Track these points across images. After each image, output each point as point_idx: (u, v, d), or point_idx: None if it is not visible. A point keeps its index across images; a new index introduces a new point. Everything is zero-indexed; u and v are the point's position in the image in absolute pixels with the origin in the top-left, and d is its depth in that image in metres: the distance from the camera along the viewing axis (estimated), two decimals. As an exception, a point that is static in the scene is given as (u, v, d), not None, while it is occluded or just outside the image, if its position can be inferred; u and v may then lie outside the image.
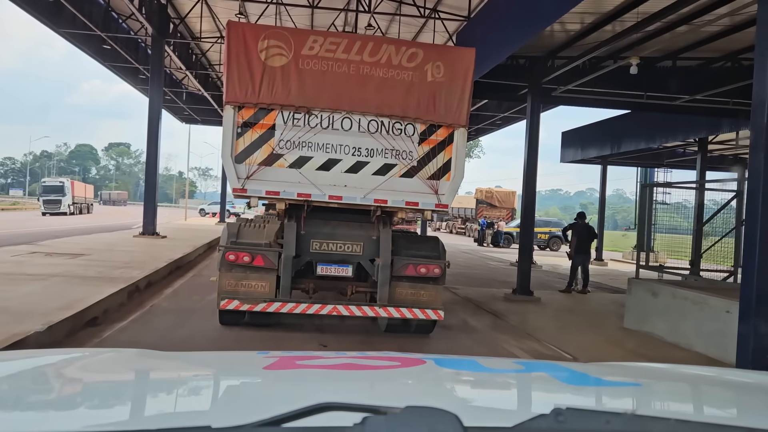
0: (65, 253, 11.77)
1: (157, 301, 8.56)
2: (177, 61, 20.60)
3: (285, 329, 6.98)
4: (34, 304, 6.54)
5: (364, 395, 1.33)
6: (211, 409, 1.21)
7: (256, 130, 6.41)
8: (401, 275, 6.70)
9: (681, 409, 1.49)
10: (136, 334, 6.49)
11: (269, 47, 6.35)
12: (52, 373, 1.45)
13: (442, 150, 6.64)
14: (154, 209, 17.80)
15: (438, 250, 6.92)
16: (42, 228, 24.00)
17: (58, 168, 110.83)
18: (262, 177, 6.42)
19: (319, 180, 6.49)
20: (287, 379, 1.49)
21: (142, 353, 1.75)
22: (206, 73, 24.96)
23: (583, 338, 7.93)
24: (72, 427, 1.02)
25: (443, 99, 6.55)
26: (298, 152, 6.46)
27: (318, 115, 6.45)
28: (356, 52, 6.42)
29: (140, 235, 17.24)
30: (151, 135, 17.64)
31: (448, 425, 0.79)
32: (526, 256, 11.61)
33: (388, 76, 6.47)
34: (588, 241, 12.85)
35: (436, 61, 6.55)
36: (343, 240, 6.76)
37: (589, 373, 1.80)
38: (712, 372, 1.97)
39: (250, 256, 6.48)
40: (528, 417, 0.87)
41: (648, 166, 23.61)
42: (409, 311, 6.58)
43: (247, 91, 6.33)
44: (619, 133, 18.45)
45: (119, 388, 1.40)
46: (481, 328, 8.26)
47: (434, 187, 6.65)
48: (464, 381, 1.66)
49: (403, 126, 6.58)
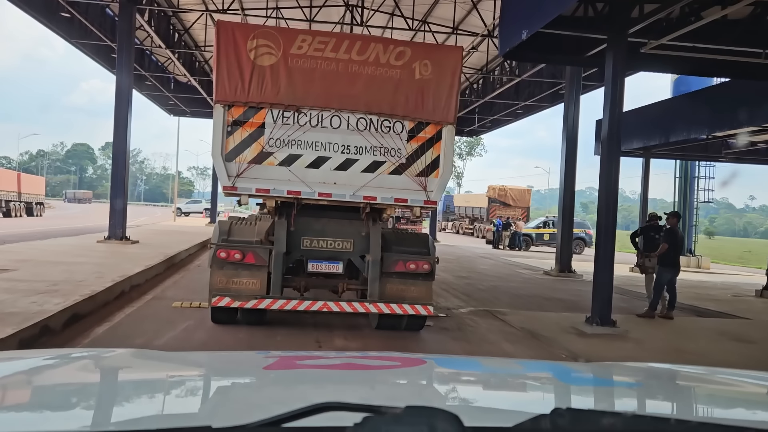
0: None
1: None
2: (156, 39, 18.30)
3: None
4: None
5: (364, 395, 1.34)
6: (212, 409, 1.20)
7: (245, 129, 6.47)
8: (391, 271, 6.77)
9: (681, 409, 1.48)
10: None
11: (258, 46, 6.41)
12: (52, 373, 1.45)
13: (431, 147, 6.71)
14: (123, 209, 15.20)
15: (427, 247, 7.00)
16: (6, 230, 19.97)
17: (54, 167, 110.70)
18: (252, 175, 6.49)
19: (309, 177, 6.56)
20: (287, 379, 1.50)
21: (142, 354, 1.76)
22: (191, 53, 22.56)
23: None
24: (72, 427, 1.02)
25: (431, 96, 6.62)
26: (287, 150, 6.53)
27: (307, 113, 6.52)
28: (344, 50, 6.49)
29: (105, 240, 14.84)
30: (119, 119, 15.06)
31: (449, 425, 0.79)
32: (606, 272, 8.16)
33: (376, 74, 6.54)
34: (679, 251, 10.14)
35: (423, 59, 6.61)
36: (334, 237, 6.83)
37: (588, 373, 1.83)
38: (712, 372, 1.99)
39: (241, 253, 6.55)
40: (528, 417, 0.87)
41: (703, 159, 19.79)
42: (399, 307, 6.66)
43: (236, 90, 6.40)
44: (672, 119, 14.72)
45: (119, 388, 1.40)
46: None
47: (423, 183, 6.72)
48: (464, 381, 1.67)
49: (391, 123, 6.64)
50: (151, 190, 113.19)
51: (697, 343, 7.94)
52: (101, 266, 10.06)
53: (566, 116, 14.95)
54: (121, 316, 7.32)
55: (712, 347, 7.79)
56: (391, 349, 6.62)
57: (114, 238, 14.91)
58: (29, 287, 7.53)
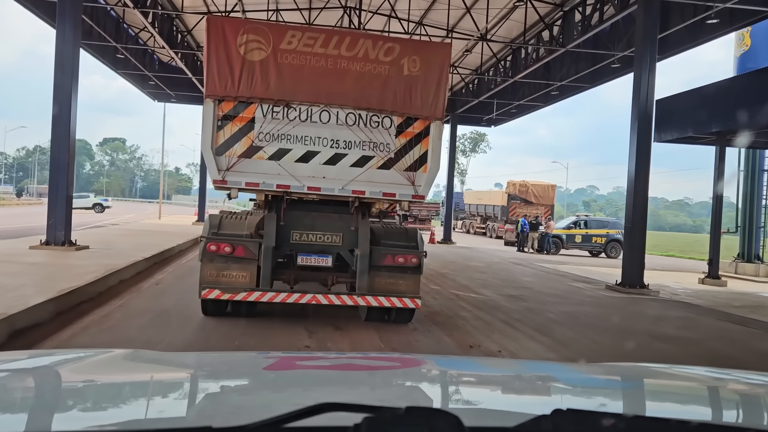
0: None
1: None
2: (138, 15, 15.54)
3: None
4: None
5: (365, 396, 1.34)
6: (212, 410, 1.20)
7: (235, 123, 6.56)
8: (380, 265, 6.86)
9: (681, 409, 1.47)
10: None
11: (248, 42, 6.49)
12: (53, 373, 1.45)
13: (419, 142, 6.80)
14: (66, 205, 11.81)
15: (416, 241, 7.09)
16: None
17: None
18: (242, 169, 6.57)
19: (298, 171, 6.64)
20: (287, 379, 1.50)
21: (142, 354, 1.76)
22: (170, 16, 18.30)
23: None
24: (72, 427, 1.02)
25: (419, 92, 6.71)
26: (277, 144, 6.61)
27: (297, 108, 6.60)
28: (334, 46, 6.57)
29: (41, 246, 11.43)
30: (62, 86, 11.63)
31: (449, 426, 0.79)
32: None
33: (365, 69, 6.62)
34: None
35: (412, 55, 6.69)
36: (323, 231, 6.92)
37: (589, 373, 1.84)
38: (712, 372, 1.98)
39: (231, 246, 6.63)
40: (528, 418, 0.87)
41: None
42: (387, 300, 6.75)
43: (226, 85, 6.48)
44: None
45: (119, 388, 1.40)
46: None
47: (411, 178, 6.80)
48: (464, 381, 1.68)
49: (380, 119, 6.73)
50: (150, 186, 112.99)
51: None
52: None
53: (637, 89, 11.83)
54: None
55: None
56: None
57: (54, 243, 11.48)
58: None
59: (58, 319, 6.42)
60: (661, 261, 24.01)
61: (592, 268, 17.61)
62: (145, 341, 5.71)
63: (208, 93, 6.51)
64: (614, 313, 10.12)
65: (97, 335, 5.98)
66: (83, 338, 5.83)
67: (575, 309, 9.95)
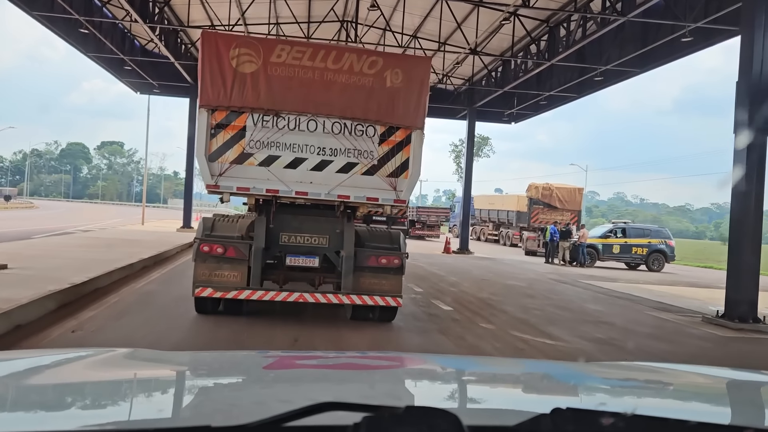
0: None
1: None
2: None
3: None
4: None
5: (365, 395, 1.34)
6: (211, 409, 1.20)
7: (228, 131, 6.97)
8: (364, 266, 7.26)
9: (681, 409, 1.48)
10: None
11: (240, 55, 6.91)
12: (52, 372, 1.46)
13: (401, 150, 7.22)
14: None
15: (398, 243, 7.50)
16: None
17: (48, 167, 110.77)
18: (234, 174, 6.98)
19: (287, 177, 7.05)
20: (287, 378, 1.51)
21: (141, 353, 1.77)
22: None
23: None
24: (72, 427, 1.02)
25: (401, 103, 7.13)
26: (267, 151, 7.02)
27: (285, 117, 7.02)
28: (321, 59, 6.99)
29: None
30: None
31: (449, 425, 0.79)
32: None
33: (350, 81, 7.04)
34: None
35: (394, 68, 7.12)
36: (310, 233, 7.33)
37: (588, 372, 1.88)
38: (712, 372, 1.98)
39: (223, 247, 7.04)
40: (528, 417, 0.87)
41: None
42: (371, 299, 7.16)
43: (219, 95, 6.89)
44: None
45: (119, 387, 1.41)
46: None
47: (393, 184, 7.22)
48: (464, 381, 1.68)
49: (364, 128, 7.15)
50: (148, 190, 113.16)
51: None
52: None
53: (744, 57, 8.78)
54: None
55: None
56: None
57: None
58: None
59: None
60: (707, 274, 21.72)
61: (649, 287, 14.89)
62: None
63: (202, 103, 6.93)
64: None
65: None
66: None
67: (697, 361, 6.94)
